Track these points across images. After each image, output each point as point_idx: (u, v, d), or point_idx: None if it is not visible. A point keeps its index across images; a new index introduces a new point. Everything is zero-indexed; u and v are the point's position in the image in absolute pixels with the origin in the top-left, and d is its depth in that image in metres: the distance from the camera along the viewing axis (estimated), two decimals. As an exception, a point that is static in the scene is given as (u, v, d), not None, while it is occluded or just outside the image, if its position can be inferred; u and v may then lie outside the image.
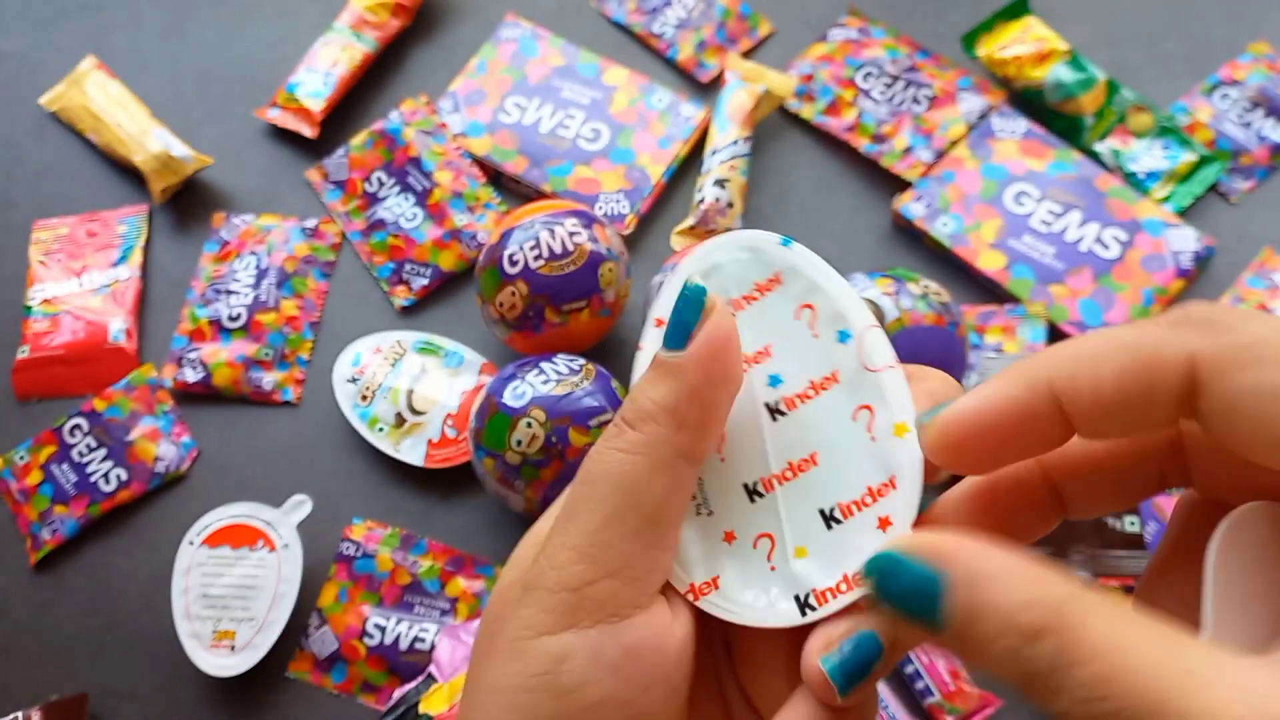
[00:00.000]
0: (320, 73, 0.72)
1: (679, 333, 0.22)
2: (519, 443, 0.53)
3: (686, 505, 0.23)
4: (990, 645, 0.17)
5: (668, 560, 0.23)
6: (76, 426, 0.64)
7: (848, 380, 0.22)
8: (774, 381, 0.23)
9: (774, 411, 0.23)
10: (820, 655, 0.21)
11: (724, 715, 0.25)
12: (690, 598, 0.23)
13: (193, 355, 0.65)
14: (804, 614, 0.22)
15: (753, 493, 0.23)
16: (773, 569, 0.23)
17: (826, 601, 0.21)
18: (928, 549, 0.18)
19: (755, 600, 0.22)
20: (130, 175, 0.72)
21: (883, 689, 0.54)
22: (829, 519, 0.22)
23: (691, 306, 0.22)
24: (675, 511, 0.22)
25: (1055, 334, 0.62)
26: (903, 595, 0.18)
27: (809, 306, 0.23)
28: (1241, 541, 0.18)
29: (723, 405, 0.22)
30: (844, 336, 0.22)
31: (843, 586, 0.21)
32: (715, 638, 0.25)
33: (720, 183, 0.65)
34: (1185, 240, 0.63)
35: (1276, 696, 0.15)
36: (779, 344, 0.23)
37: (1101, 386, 0.19)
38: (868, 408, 0.22)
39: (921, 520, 0.22)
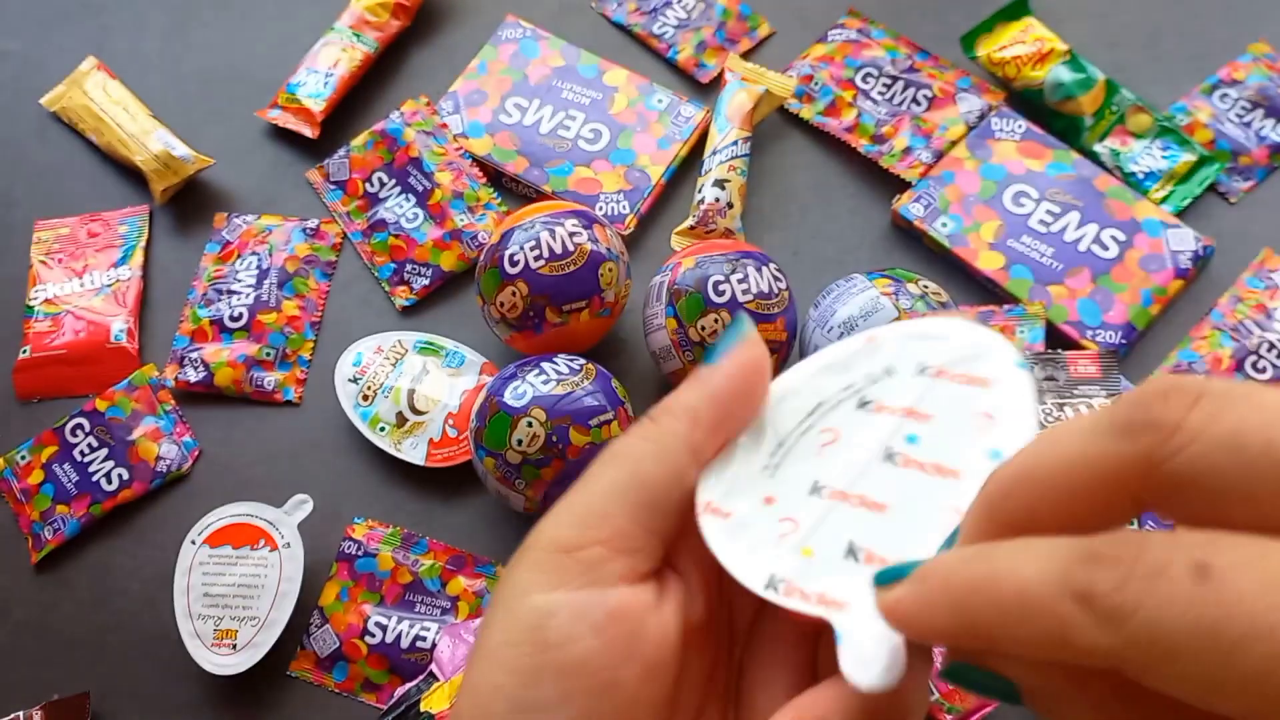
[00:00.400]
0: (321, 73, 0.72)
1: (716, 352, 0.25)
2: (520, 442, 0.53)
3: (687, 501, 0.24)
4: None
5: (659, 546, 0.24)
6: (78, 426, 0.64)
7: (966, 482, 0.23)
8: (910, 439, 0.24)
9: (889, 457, 0.24)
10: None
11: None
12: (698, 509, 0.24)
13: (194, 355, 0.65)
14: (763, 590, 0.22)
15: (816, 489, 0.24)
16: (775, 544, 0.23)
17: (790, 597, 0.22)
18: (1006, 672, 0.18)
19: (739, 548, 0.23)
20: (131, 175, 0.72)
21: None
22: (851, 551, 0.23)
23: (733, 333, 0.25)
24: (674, 502, 0.24)
25: (1054, 334, 0.62)
26: (987, 691, 0.19)
27: (989, 417, 0.23)
28: None
29: (738, 419, 0.24)
30: (994, 455, 0.23)
31: (812, 598, 0.22)
32: (734, 679, 0.25)
33: (720, 183, 0.66)
34: (1184, 240, 0.63)
35: None
36: (941, 420, 0.24)
37: (1061, 519, 0.18)
38: (960, 510, 0.23)
39: None
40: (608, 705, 0.22)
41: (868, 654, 0.20)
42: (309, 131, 0.71)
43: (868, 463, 0.24)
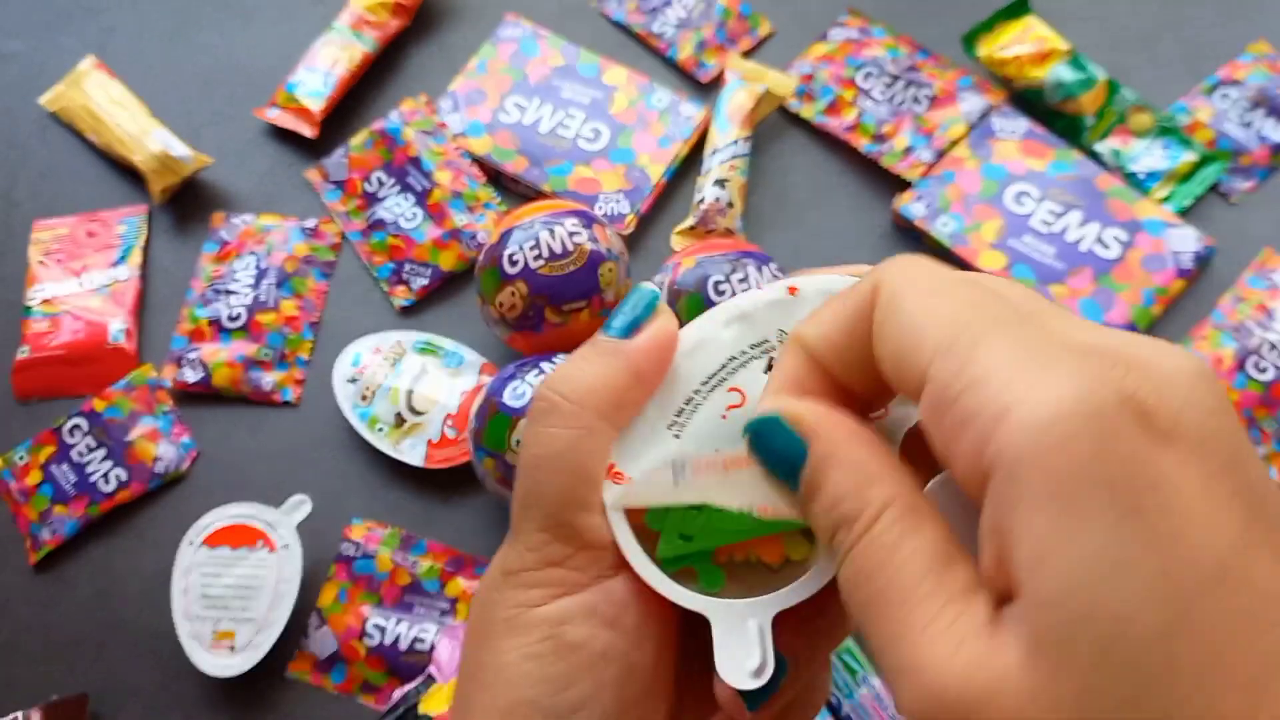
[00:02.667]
0: (320, 72, 0.72)
1: (628, 325, 0.24)
2: (519, 443, 0.53)
3: None
4: (816, 517, 0.20)
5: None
6: (76, 427, 0.64)
7: None
8: None
9: None
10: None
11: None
12: (608, 476, 0.24)
13: (192, 355, 0.65)
14: (647, 573, 0.23)
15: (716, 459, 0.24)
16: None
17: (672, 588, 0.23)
18: (801, 420, 0.20)
19: (647, 475, 0.23)
20: (130, 175, 0.72)
21: (883, 688, 0.54)
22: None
23: (645, 306, 0.24)
24: None
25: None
26: (773, 455, 0.21)
27: None
28: (944, 504, 0.20)
29: (650, 392, 0.24)
30: None
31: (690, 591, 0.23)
32: None
33: (720, 183, 0.65)
34: (1185, 240, 0.63)
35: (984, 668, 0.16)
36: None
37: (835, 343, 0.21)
38: None
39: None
40: (631, 689, 0.23)
41: (739, 652, 0.21)
42: (308, 131, 0.71)
43: None
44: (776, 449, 0.20)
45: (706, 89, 0.72)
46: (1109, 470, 0.16)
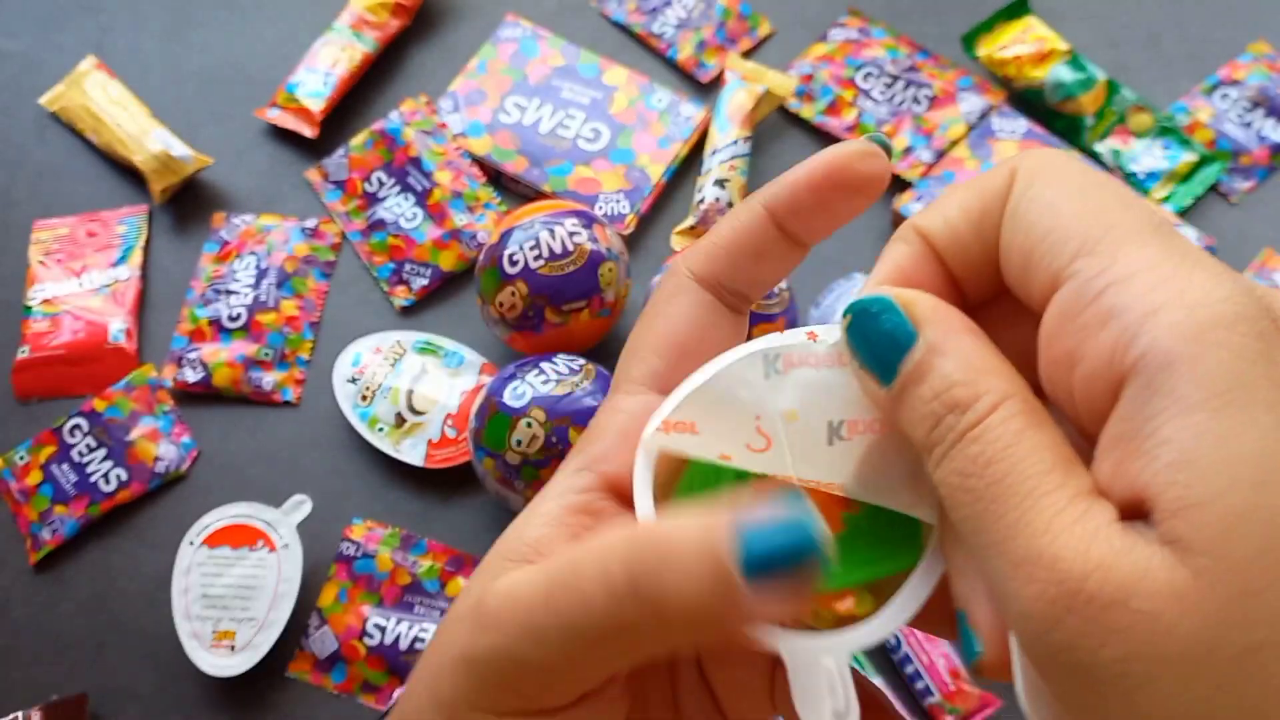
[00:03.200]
0: (320, 73, 0.72)
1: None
2: (519, 443, 0.53)
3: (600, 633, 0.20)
4: (914, 407, 0.18)
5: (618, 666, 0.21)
6: (76, 426, 0.64)
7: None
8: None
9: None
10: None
11: (671, 708, 0.24)
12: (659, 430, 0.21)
13: (193, 355, 0.65)
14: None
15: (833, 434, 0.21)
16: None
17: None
18: (914, 304, 0.19)
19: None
20: (130, 175, 0.72)
21: (882, 689, 0.54)
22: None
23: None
24: (596, 643, 0.20)
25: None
26: (875, 338, 0.19)
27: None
28: None
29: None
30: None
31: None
32: None
33: (720, 183, 0.66)
34: (1185, 240, 0.63)
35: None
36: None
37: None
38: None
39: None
40: None
41: (819, 693, 0.20)
42: (308, 131, 0.71)
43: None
44: (882, 331, 0.19)
45: (706, 89, 0.72)
46: (1272, 371, 0.15)
